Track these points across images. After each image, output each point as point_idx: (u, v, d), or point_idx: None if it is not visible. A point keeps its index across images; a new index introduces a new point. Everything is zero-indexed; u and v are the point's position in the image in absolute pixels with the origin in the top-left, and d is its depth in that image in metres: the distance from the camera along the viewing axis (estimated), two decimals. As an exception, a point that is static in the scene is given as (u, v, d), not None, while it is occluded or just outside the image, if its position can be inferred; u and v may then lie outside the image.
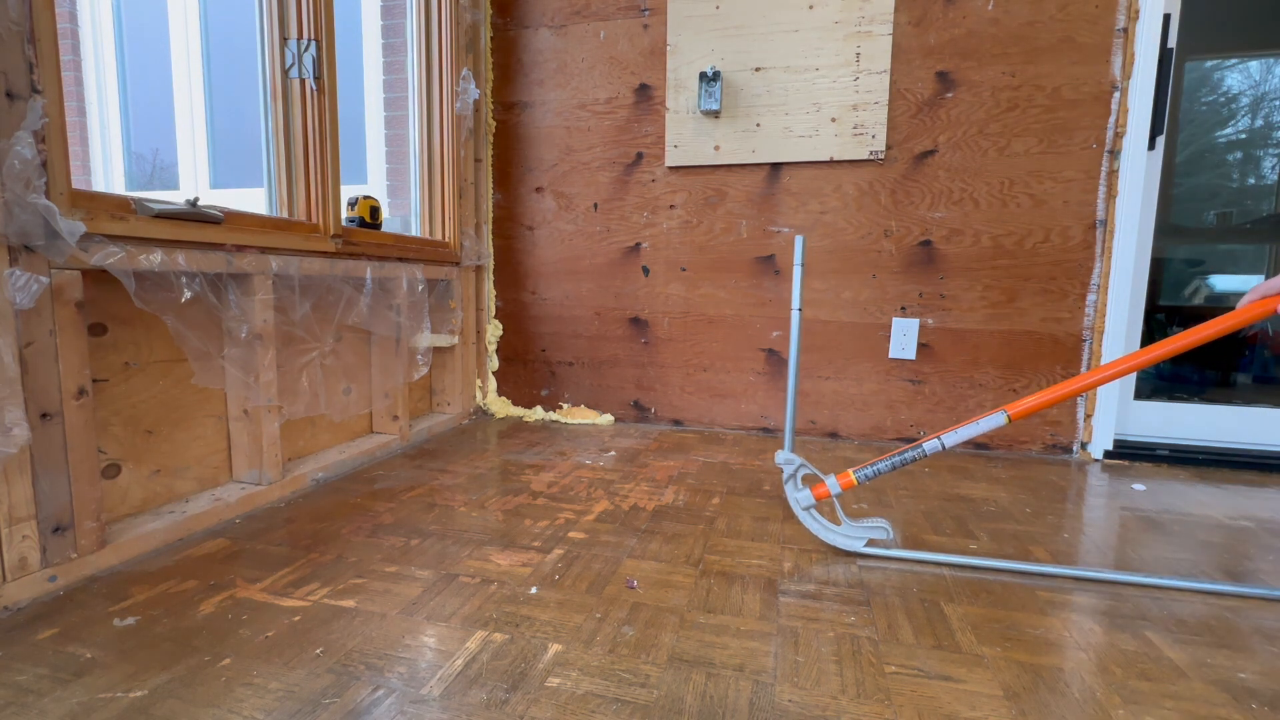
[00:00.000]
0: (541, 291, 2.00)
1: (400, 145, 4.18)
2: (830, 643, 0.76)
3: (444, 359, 1.87)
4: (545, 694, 0.66)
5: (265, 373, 1.17)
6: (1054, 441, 1.67)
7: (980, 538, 1.09)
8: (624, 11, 1.81)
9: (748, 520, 1.16)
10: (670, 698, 0.66)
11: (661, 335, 1.91)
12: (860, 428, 1.79)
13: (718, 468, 1.49)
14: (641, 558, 0.99)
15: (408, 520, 1.13)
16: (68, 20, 4.48)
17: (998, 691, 0.68)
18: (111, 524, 0.98)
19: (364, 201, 1.52)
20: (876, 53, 1.64)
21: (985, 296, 1.66)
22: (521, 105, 1.94)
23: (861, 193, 1.71)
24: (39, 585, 0.83)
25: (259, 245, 1.15)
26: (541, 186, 1.95)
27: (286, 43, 1.27)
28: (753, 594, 0.88)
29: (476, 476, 1.40)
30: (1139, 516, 1.22)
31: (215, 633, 0.76)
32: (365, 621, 0.79)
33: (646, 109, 1.83)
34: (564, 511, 1.19)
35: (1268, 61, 2.34)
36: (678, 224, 1.85)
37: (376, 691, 0.66)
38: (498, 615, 0.82)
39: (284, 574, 0.92)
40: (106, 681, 0.67)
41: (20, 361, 0.79)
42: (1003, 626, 0.81)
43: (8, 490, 0.79)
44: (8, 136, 0.76)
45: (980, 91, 1.61)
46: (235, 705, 0.63)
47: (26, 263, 0.79)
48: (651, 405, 1.94)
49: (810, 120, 1.70)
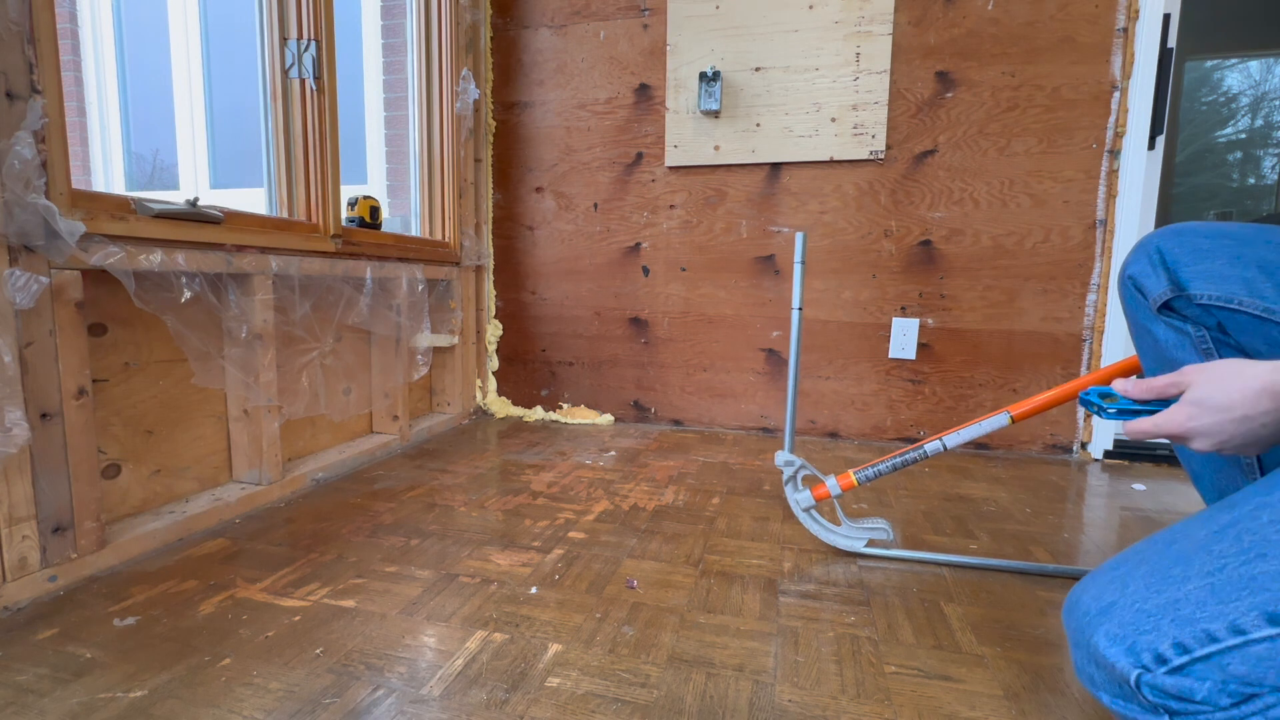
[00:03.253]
0: (541, 291, 2.00)
1: (400, 145, 4.18)
2: (830, 643, 0.76)
3: (444, 359, 1.87)
4: (545, 694, 0.66)
5: (265, 373, 1.17)
6: (1054, 441, 1.67)
7: (980, 538, 1.09)
8: (624, 11, 1.81)
9: (748, 520, 1.16)
10: (670, 698, 0.66)
11: (661, 335, 1.91)
12: (860, 427, 1.79)
13: (718, 468, 1.49)
14: (641, 558, 0.99)
15: (408, 520, 1.13)
16: (68, 20, 4.48)
17: (998, 691, 0.68)
18: (111, 524, 0.98)
19: (364, 201, 1.52)
20: (876, 53, 1.64)
21: (985, 296, 1.66)
22: (521, 105, 1.94)
23: (861, 193, 1.71)
24: (39, 585, 0.83)
25: (259, 245, 1.15)
26: (541, 186, 1.96)
27: (286, 43, 1.27)
28: (753, 594, 0.88)
29: (476, 476, 1.40)
30: (1139, 516, 1.22)
31: (215, 633, 0.76)
32: (365, 621, 0.79)
33: (646, 109, 1.83)
34: (564, 511, 1.19)
35: (1268, 61, 2.34)
36: (678, 224, 1.85)
37: (376, 691, 0.66)
38: (498, 615, 0.82)
39: (284, 574, 0.92)
40: (106, 681, 0.67)
41: (20, 361, 0.79)
42: (1003, 626, 0.81)
43: (8, 490, 0.79)
44: (8, 136, 0.76)
45: (980, 91, 1.61)
46: (235, 705, 0.63)
47: (26, 263, 0.79)
48: (651, 405, 1.94)
49: (810, 120, 1.70)
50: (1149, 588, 0.46)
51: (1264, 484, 0.49)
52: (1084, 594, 0.51)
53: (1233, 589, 0.42)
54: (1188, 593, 0.44)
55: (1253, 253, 0.66)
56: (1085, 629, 0.48)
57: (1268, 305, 0.63)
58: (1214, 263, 0.67)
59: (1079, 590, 0.52)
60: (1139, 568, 0.48)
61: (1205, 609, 0.42)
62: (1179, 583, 0.45)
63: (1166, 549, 0.48)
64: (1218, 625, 0.41)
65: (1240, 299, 0.65)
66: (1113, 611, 0.46)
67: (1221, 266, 0.67)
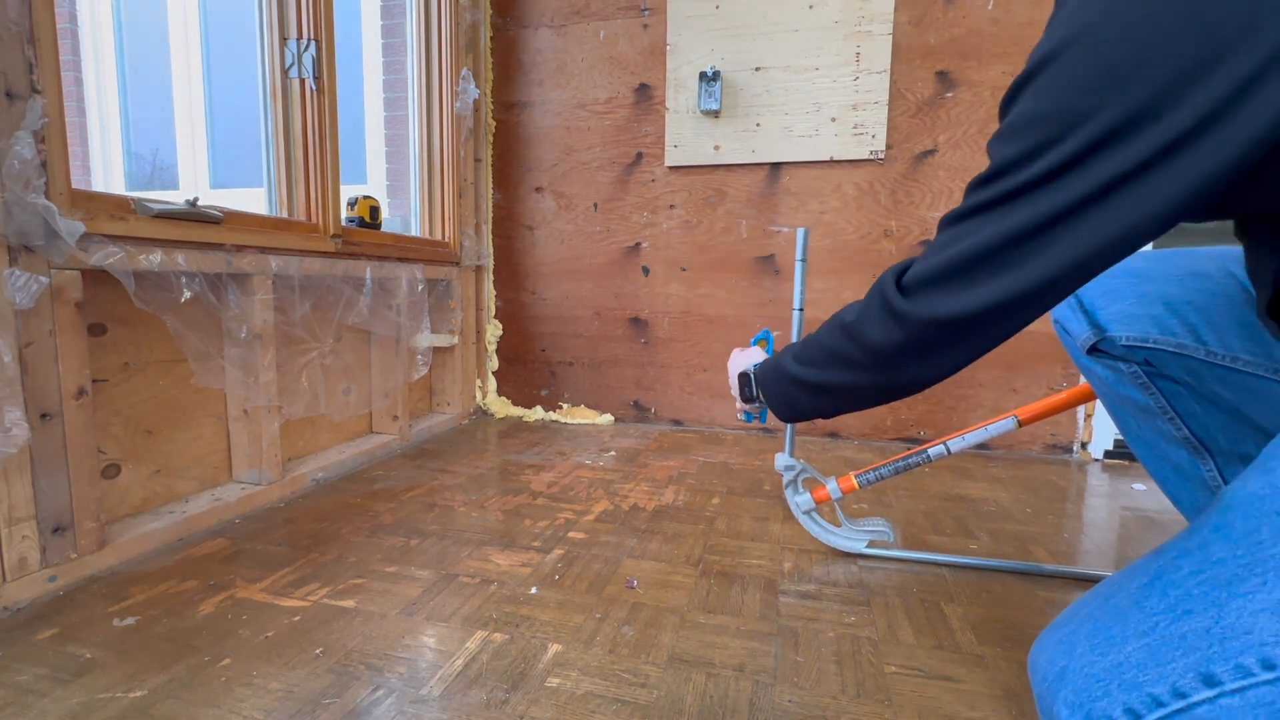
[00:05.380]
0: (541, 291, 2.00)
1: (400, 145, 4.17)
2: (830, 643, 0.76)
3: (444, 359, 1.87)
4: (545, 694, 0.66)
5: (265, 373, 1.16)
6: (1054, 441, 1.67)
7: (980, 538, 1.09)
8: (624, 11, 1.81)
9: (748, 520, 1.16)
10: (670, 698, 0.66)
11: (661, 335, 1.91)
12: (860, 427, 1.79)
13: (718, 468, 1.49)
14: (641, 558, 0.99)
15: (408, 520, 1.13)
16: (68, 20, 4.47)
17: (998, 691, 0.68)
18: (111, 524, 0.98)
19: (364, 201, 1.52)
20: (876, 52, 1.64)
21: (985, 296, 1.66)
22: (521, 105, 1.94)
23: (861, 192, 1.71)
24: (39, 585, 0.83)
25: (259, 245, 1.15)
26: (541, 186, 1.95)
27: (286, 43, 1.27)
28: (753, 594, 0.88)
29: (476, 476, 1.40)
30: (1139, 516, 1.22)
31: (215, 633, 0.76)
32: (365, 621, 0.79)
33: (646, 109, 1.83)
34: (564, 511, 1.19)
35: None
36: (678, 224, 1.85)
37: (376, 691, 0.66)
38: (498, 615, 0.82)
39: (284, 574, 0.92)
40: (106, 681, 0.67)
41: (20, 361, 0.79)
42: (1003, 626, 0.81)
43: (7, 490, 0.79)
44: (7, 136, 0.76)
45: (980, 91, 1.61)
46: (235, 705, 0.63)
47: (26, 263, 0.79)
48: (651, 405, 1.94)
49: (810, 120, 1.70)
50: (1093, 650, 0.46)
51: (1188, 530, 0.50)
52: (1040, 656, 0.51)
53: (1167, 650, 0.42)
54: (1128, 655, 0.44)
55: (1156, 289, 0.69)
56: (1046, 695, 0.48)
57: (1179, 341, 0.67)
58: (1124, 303, 0.71)
59: (1036, 650, 0.52)
60: (1083, 626, 0.49)
61: (1146, 671, 0.42)
62: (1119, 644, 0.45)
63: (1105, 604, 0.49)
64: (1160, 689, 0.41)
65: (1154, 337, 0.68)
66: (1066, 677, 0.47)
67: (1131, 307, 0.70)
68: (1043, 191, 0.44)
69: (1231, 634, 0.40)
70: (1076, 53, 0.42)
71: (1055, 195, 0.44)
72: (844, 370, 0.61)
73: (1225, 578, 0.43)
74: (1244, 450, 0.70)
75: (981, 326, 0.50)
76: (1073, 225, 0.44)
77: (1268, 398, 0.65)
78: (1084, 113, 0.42)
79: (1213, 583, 0.43)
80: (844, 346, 0.60)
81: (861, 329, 0.57)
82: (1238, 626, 0.40)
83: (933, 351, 0.54)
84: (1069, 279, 0.46)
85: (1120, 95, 0.40)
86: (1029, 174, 0.45)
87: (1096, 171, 0.42)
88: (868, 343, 0.56)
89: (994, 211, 0.47)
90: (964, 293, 0.49)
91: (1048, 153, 0.44)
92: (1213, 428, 0.72)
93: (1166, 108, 0.39)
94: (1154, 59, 0.39)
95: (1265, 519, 0.44)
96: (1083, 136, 0.42)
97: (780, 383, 0.71)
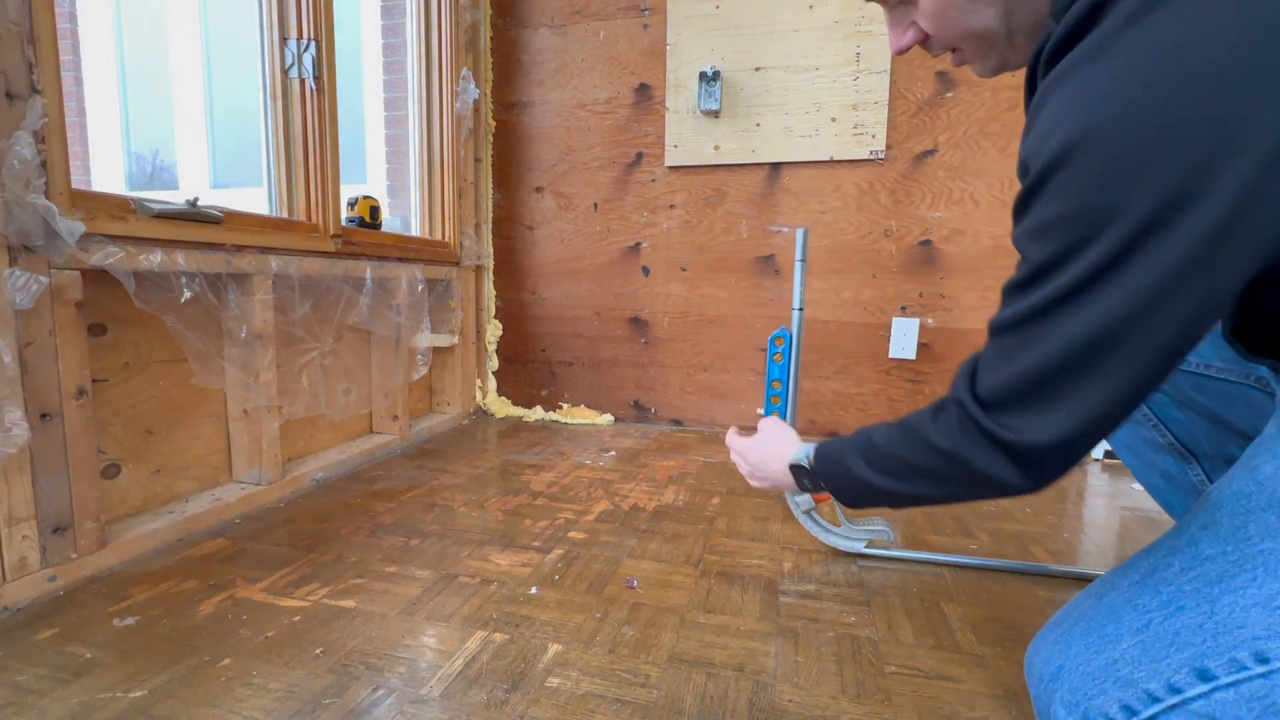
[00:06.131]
0: (541, 291, 2.00)
1: (400, 145, 4.17)
2: (830, 643, 0.76)
3: (444, 359, 1.87)
4: (545, 694, 0.66)
5: (265, 373, 1.16)
6: (1054, 441, 1.67)
7: (980, 538, 1.09)
8: (624, 11, 1.81)
9: (748, 520, 1.16)
10: (670, 698, 0.66)
11: (661, 335, 1.91)
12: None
13: (718, 467, 1.49)
14: (641, 558, 0.99)
15: (408, 520, 1.13)
16: (68, 20, 4.47)
17: (998, 691, 0.68)
18: (111, 524, 0.98)
19: (364, 201, 1.52)
20: (876, 52, 1.64)
21: (985, 296, 1.66)
22: (521, 105, 1.94)
23: (861, 192, 1.71)
24: (39, 585, 0.83)
25: (259, 245, 1.15)
26: (541, 186, 1.95)
27: (286, 43, 1.27)
28: (753, 594, 0.88)
29: (476, 476, 1.40)
30: (1139, 516, 1.22)
31: (215, 633, 0.76)
32: (365, 621, 0.79)
33: (646, 109, 1.83)
34: (564, 511, 1.19)
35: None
36: (678, 224, 1.85)
37: (376, 691, 0.66)
38: (498, 615, 0.82)
39: (284, 574, 0.92)
40: (106, 681, 0.67)
41: (20, 361, 0.79)
42: (1003, 626, 0.81)
43: (7, 490, 0.79)
44: (7, 136, 0.76)
45: (980, 91, 1.61)
46: (235, 705, 0.63)
47: (26, 263, 0.79)
48: (651, 405, 1.94)
49: (810, 120, 1.70)
50: (1088, 649, 0.46)
51: (1176, 528, 0.50)
52: (1035, 656, 0.51)
53: (1161, 646, 0.43)
54: (1123, 652, 0.44)
55: None
56: (1043, 696, 0.49)
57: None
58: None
59: (1032, 651, 0.53)
60: (1077, 626, 0.49)
61: (1141, 668, 0.43)
62: (1113, 642, 0.45)
63: (1098, 603, 0.49)
64: (1155, 685, 0.42)
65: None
66: (1062, 677, 0.47)
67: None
68: (1101, 287, 0.41)
69: (1224, 629, 0.40)
70: (1102, 146, 0.40)
71: (1117, 289, 0.41)
72: (939, 485, 0.57)
73: (1216, 574, 0.43)
74: (1228, 453, 0.71)
75: (1086, 441, 0.46)
76: (1146, 317, 0.41)
77: (1243, 402, 0.67)
78: (1127, 205, 0.39)
79: (1204, 579, 0.44)
80: (938, 466, 0.55)
81: (959, 453, 0.52)
82: (1230, 621, 0.40)
83: (1040, 466, 0.50)
84: (1158, 369, 0.43)
85: (1158, 182, 0.38)
86: (1084, 267, 0.41)
87: (1163, 253, 0.39)
88: (971, 468, 0.52)
89: (1059, 310, 0.44)
90: (1057, 409, 0.45)
91: (1092, 247, 0.41)
92: (1196, 433, 0.74)
93: (1207, 188, 0.37)
94: (1177, 144, 0.37)
95: (1251, 515, 0.44)
96: (1129, 226, 0.39)
97: (854, 486, 0.66)
